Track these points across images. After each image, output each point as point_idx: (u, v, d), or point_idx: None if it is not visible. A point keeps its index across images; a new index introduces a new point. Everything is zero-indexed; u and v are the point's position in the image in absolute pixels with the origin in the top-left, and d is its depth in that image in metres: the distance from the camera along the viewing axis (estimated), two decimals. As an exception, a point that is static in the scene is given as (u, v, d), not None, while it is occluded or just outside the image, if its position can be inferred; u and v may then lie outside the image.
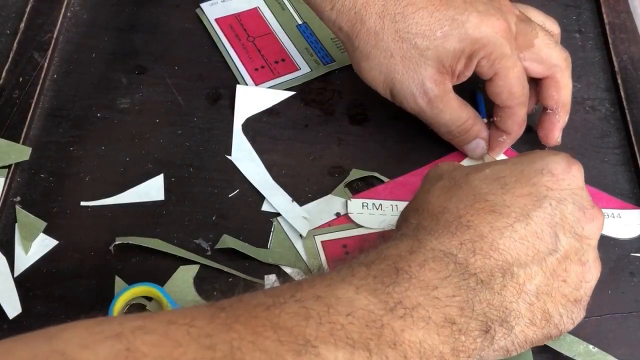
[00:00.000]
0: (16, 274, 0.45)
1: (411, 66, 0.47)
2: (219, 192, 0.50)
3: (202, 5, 0.61)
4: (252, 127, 0.54)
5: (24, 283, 0.45)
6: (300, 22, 0.60)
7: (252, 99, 0.55)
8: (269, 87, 0.56)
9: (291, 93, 0.56)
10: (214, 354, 0.28)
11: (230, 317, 0.30)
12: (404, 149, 0.53)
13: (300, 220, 0.48)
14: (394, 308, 0.33)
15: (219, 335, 0.29)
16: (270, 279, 0.46)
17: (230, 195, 0.50)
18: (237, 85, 0.55)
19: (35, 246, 0.47)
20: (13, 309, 0.44)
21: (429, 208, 0.39)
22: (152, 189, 0.50)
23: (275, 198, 0.50)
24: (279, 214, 0.49)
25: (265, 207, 0.50)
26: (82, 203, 0.49)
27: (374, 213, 0.49)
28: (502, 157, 0.53)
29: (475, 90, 0.55)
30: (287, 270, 0.46)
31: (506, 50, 0.47)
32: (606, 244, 0.49)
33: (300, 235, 0.48)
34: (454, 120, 0.50)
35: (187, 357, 0.27)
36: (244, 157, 0.52)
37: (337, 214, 0.49)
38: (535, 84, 0.51)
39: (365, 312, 0.32)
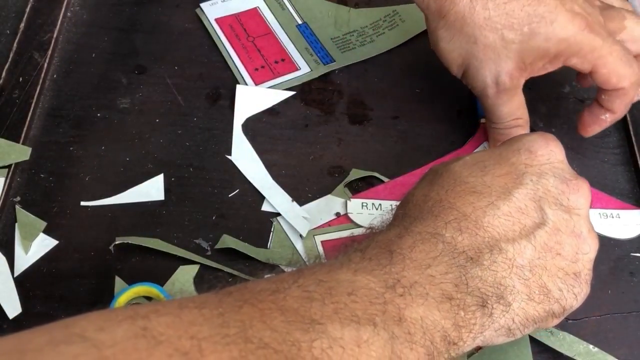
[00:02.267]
0: (16, 274, 0.45)
1: (492, 56, 0.47)
2: (219, 192, 0.50)
3: (202, 5, 0.61)
4: (252, 127, 0.54)
5: (24, 283, 0.45)
6: (300, 22, 0.60)
7: (252, 98, 0.55)
8: (269, 87, 0.56)
9: (291, 93, 0.56)
10: (228, 330, 0.28)
11: (238, 300, 0.31)
12: (404, 149, 0.53)
13: (300, 220, 0.48)
14: (394, 286, 0.33)
15: (229, 314, 0.29)
16: (270, 279, 0.46)
17: (230, 195, 0.50)
18: (237, 85, 0.55)
19: (35, 246, 0.47)
20: (13, 309, 0.44)
21: (413, 200, 0.40)
22: (152, 189, 0.50)
23: (275, 198, 0.50)
24: (279, 214, 0.49)
25: (265, 207, 0.50)
26: (82, 203, 0.49)
27: (374, 213, 0.49)
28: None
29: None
30: (287, 270, 0.46)
31: (595, 42, 0.46)
32: (606, 244, 0.49)
33: (300, 235, 0.48)
34: (508, 114, 0.50)
35: (203, 334, 0.28)
36: (244, 157, 0.52)
37: (337, 214, 0.49)
38: None
39: (366, 290, 0.33)
